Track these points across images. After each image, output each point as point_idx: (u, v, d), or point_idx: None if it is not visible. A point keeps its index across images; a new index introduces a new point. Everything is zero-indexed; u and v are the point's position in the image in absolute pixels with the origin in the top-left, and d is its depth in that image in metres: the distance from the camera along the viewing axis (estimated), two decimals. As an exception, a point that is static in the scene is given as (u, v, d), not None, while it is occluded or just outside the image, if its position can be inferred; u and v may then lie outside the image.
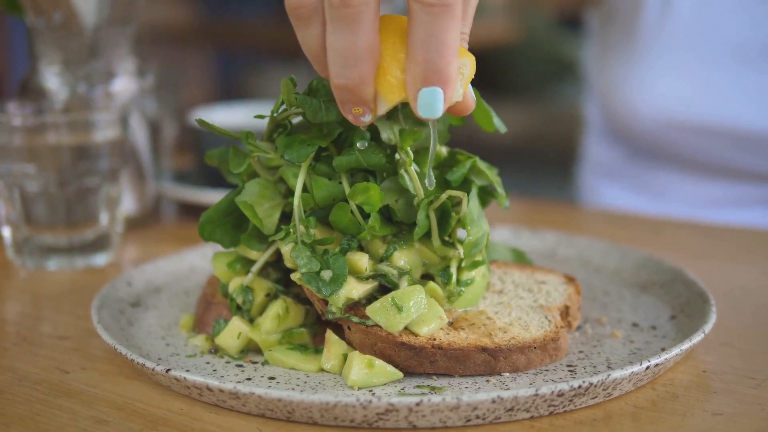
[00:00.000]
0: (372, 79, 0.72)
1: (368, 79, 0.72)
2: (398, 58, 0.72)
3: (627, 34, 1.58)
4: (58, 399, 0.76)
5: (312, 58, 0.74)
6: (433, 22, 0.69)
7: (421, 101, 0.71)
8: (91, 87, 1.25)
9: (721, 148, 1.52)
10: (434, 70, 0.70)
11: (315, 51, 0.73)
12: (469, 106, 0.77)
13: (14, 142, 1.09)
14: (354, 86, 0.72)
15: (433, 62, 0.70)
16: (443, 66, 0.70)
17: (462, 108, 0.77)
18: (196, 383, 0.73)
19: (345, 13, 0.69)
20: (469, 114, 0.79)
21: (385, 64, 0.72)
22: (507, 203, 0.88)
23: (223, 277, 0.88)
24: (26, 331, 0.93)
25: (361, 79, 0.71)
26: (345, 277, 0.79)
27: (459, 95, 0.75)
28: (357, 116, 0.74)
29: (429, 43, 0.69)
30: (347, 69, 0.71)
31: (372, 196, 0.79)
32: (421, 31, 0.69)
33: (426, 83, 0.70)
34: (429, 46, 0.69)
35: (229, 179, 0.90)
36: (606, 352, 0.83)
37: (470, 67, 0.75)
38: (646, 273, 1.02)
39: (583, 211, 1.59)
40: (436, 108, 0.71)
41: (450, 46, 0.70)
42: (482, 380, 0.77)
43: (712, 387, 0.78)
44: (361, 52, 0.70)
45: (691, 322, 0.86)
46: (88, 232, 1.14)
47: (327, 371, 0.80)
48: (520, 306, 0.86)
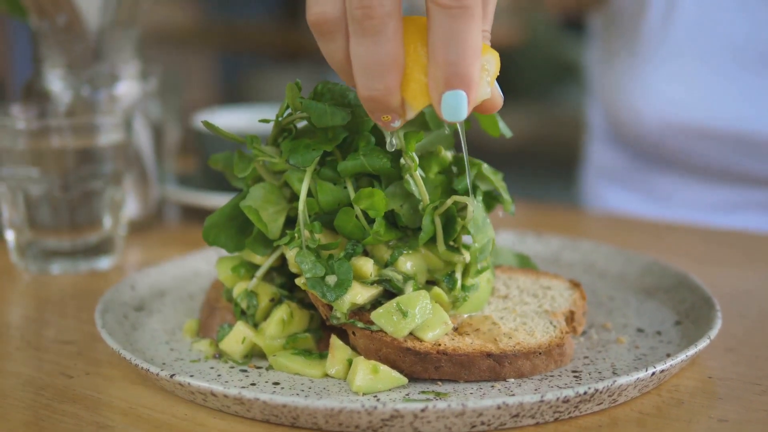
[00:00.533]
0: (398, 88, 0.71)
1: (394, 89, 0.71)
2: (421, 62, 0.71)
3: (630, 39, 1.58)
4: (62, 404, 0.76)
5: (338, 69, 0.73)
6: (452, 24, 0.68)
7: (445, 105, 0.70)
8: (95, 90, 1.25)
9: (725, 152, 1.51)
10: (456, 73, 0.69)
11: (340, 63, 0.72)
12: (497, 103, 0.76)
13: (18, 145, 1.09)
14: (381, 96, 0.71)
15: (455, 65, 0.68)
16: (465, 68, 0.69)
17: (491, 106, 0.76)
18: (201, 389, 0.73)
19: (368, 25, 0.68)
20: (496, 111, 0.77)
21: (408, 69, 0.71)
22: (512, 209, 0.88)
23: (227, 282, 0.88)
24: (30, 335, 0.93)
25: (388, 89, 0.71)
26: (350, 282, 0.79)
27: (486, 93, 0.73)
28: (387, 122, 0.73)
29: (449, 45, 0.68)
30: (373, 80, 0.70)
31: (377, 201, 0.79)
32: (441, 34, 0.68)
33: (449, 86, 0.69)
34: (449, 48, 0.68)
35: (234, 183, 0.90)
36: (611, 358, 0.83)
37: (495, 64, 0.74)
38: (651, 278, 1.01)
39: (586, 215, 1.59)
40: (461, 111, 0.70)
41: (471, 47, 0.68)
42: (487, 386, 0.77)
43: (717, 393, 0.77)
44: (386, 63, 0.70)
45: (697, 328, 0.86)
46: (91, 236, 1.14)
47: (331, 376, 0.80)
48: (525, 311, 0.86)
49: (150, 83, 1.33)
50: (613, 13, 1.64)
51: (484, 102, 0.75)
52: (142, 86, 1.30)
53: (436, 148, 0.84)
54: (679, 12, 1.52)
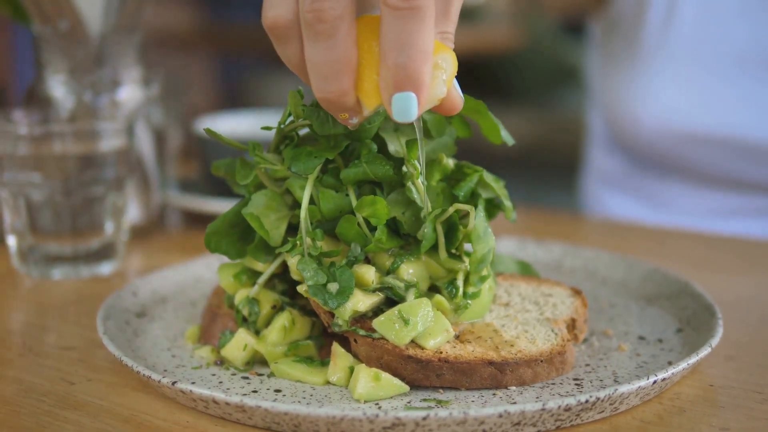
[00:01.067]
0: (352, 89, 0.71)
1: (348, 90, 0.71)
2: (374, 62, 0.71)
3: (630, 45, 1.58)
4: (64, 411, 0.76)
5: (296, 71, 0.74)
6: (402, 26, 0.67)
7: (395, 106, 0.69)
8: (97, 95, 1.25)
9: (725, 158, 1.51)
10: (405, 75, 0.68)
11: (297, 66, 0.73)
12: (457, 103, 0.75)
13: (20, 150, 1.09)
14: (335, 98, 0.72)
15: (404, 67, 0.68)
16: (414, 70, 0.68)
17: (450, 106, 0.75)
18: (202, 396, 0.73)
19: (319, 29, 0.69)
20: (457, 113, 0.76)
21: (362, 69, 0.71)
22: (514, 216, 0.88)
23: (229, 289, 0.88)
24: (32, 341, 0.93)
25: (342, 91, 0.71)
26: (351, 290, 0.79)
27: (441, 93, 0.73)
28: (345, 120, 0.74)
29: (399, 47, 0.68)
30: (327, 83, 0.71)
31: (379, 209, 0.79)
32: (391, 35, 0.68)
33: (398, 88, 0.69)
34: (399, 50, 0.68)
35: (236, 190, 0.90)
36: (613, 366, 0.83)
37: (451, 63, 0.73)
38: (653, 285, 1.01)
39: (587, 221, 1.59)
40: (410, 113, 0.69)
41: (421, 49, 0.68)
42: (488, 394, 0.77)
43: (719, 401, 0.77)
44: (339, 66, 0.70)
45: (698, 335, 0.86)
46: (93, 241, 1.14)
47: (333, 384, 0.80)
48: (527, 319, 0.86)
49: (152, 89, 1.34)
50: (612, 18, 1.64)
51: (443, 103, 0.74)
52: (144, 92, 1.31)
53: (437, 155, 0.84)
54: (679, 18, 1.52)
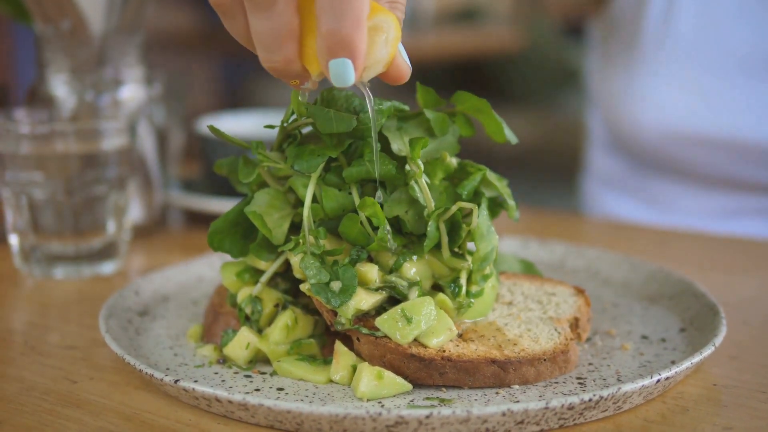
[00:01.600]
0: (296, 56, 0.72)
1: (292, 57, 0.72)
2: (314, 29, 0.71)
3: (628, 46, 1.58)
4: (66, 409, 0.76)
5: (244, 44, 0.75)
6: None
7: (332, 72, 0.70)
8: (99, 95, 1.25)
9: (724, 159, 1.51)
10: (338, 42, 0.68)
11: (244, 38, 0.74)
12: (402, 71, 0.75)
13: (22, 150, 1.09)
14: (281, 66, 0.73)
15: (336, 33, 0.68)
16: (346, 37, 0.68)
17: (395, 74, 0.75)
18: (205, 394, 0.73)
19: (259, 0, 0.70)
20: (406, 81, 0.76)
21: (304, 35, 0.72)
22: (517, 215, 0.88)
23: (231, 287, 0.88)
24: (34, 340, 0.93)
25: (286, 59, 0.72)
26: (354, 288, 0.79)
27: (383, 56, 0.72)
28: (297, 86, 0.75)
29: (331, 13, 0.68)
30: (271, 52, 0.72)
31: (380, 209, 0.79)
32: (324, 2, 0.68)
33: (332, 54, 0.69)
34: (331, 16, 0.68)
35: (239, 189, 0.90)
36: (616, 365, 0.82)
37: (393, 28, 0.72)
38: (656, 285, 1.01)
39: (589, 221, 1.59)
40: (348, 77, 0.69)
41: (353, 15, 0.68)
42: (491, 392, 0.77)
43: (722, 401, 0.77)
44: (281, 35, 0.71)
45: (701, 335, 0.86)
46: (95, 241, 1.14)
47: (336, 382, 0.79)
48: (530, 318, 0.86)
49: (154, 88, 1.33)
50: (611, 20, 1.64)
51: (389, 70, 0.74)
52: (146, 91, 1.30)
53: (441, 154, 0.84)
54: (677, 19, 1.52)
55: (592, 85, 1.79)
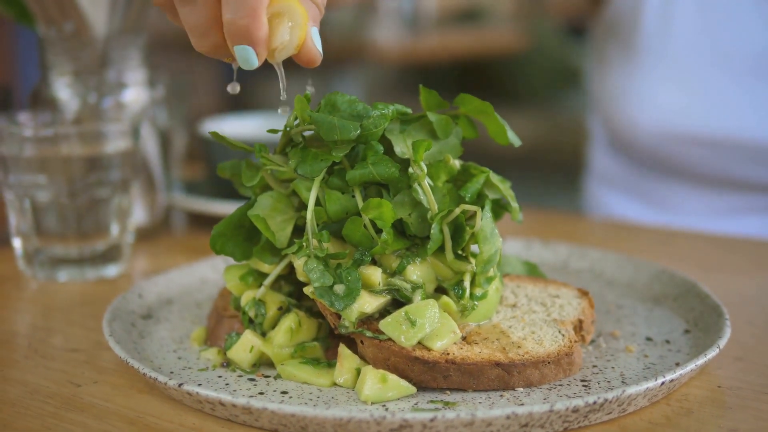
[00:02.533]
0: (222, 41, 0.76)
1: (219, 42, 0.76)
2: None
3: (625, 47, 1.58)
4: (69, 413, 0.76)
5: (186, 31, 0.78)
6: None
7: (238, 57, 0.75)
8: (102, 97, 1.25)
9: (722, 159, 1.51)
10: (236, 31, 0.73)
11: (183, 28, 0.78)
12: (312, 55, 0.78)
13: (25, 152, 1.09)
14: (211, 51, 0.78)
15: (234, 23, 0.73)
16: (242, 27, 0.73)
17: (305, 57, 0.78)
18: (209, 398, 0.73)
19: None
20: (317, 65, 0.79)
21: None
22: (520, 217, 0.88)
23: (235, 290, 0.88)
24: (37, 343, 0.93)
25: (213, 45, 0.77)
26: (358, 291, 0.79)
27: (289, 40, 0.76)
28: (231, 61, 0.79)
29: (229, 5, 0.73)
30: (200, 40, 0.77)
31: (384, 211, 0.79)
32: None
33: (234, 42, 0.74)
34: (229, 8, 0.73)
35: (242, 192, 0.90)
36: (620, 367, 0.82)
37: (298, 14, 0.76)
38: (659, 286, 1.01)
39: (591, 222, 1.59)
40: (251, 62, 0.75)
41: (248, 7, 0.72)
42: (496, 395, 0.77)
43: (727, 402, 0.77)
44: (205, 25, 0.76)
45: (706, 336, 0.86)
46: (98, 243, 1.14)
47: (340, 386, 0.79)
48: (534, 320, 0.85)
49: (157, 90, 1.33)
50: (608, 20, 1.64)
51: (300, 54, 0.77)
52: (149, 93, 1.30)
53: (444, 156, 0.84)
54: (674, 20, 1.52)
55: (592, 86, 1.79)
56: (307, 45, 0.77)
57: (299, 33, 0.76)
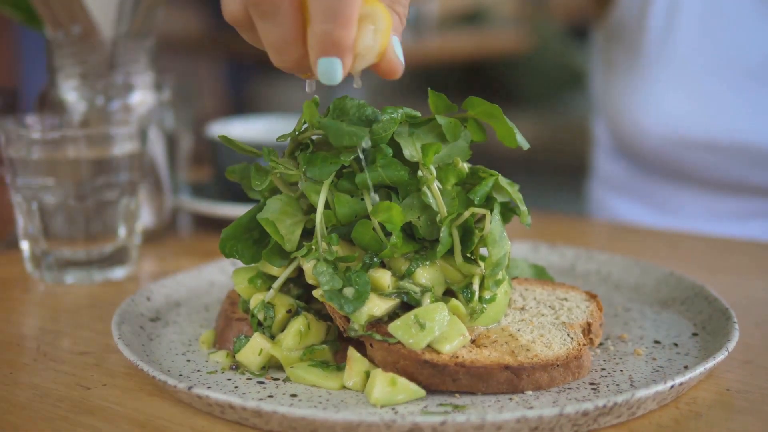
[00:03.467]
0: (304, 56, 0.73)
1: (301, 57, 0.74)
2: None
3: (631, 52, 1.58)
4: (79, 416, 0.76)
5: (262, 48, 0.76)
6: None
7: (320, 70, 0.71)
8: (110, 100, 1.25)
9: (729, 164, 1.51)
10: (327, 41, 0.70)
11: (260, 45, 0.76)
12: (394, 65, 0.75)
13: (33, 155, 1.09)
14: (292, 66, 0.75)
15: (327, 33, 0.69)
16: (336, 37, 0.69)
17: (387, 69, 0.76)
18: (219, 401, 0.73)
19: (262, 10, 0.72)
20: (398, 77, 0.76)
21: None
22: (529, 220, 0.88)
23: (244, 293, 0.88)
24: (46, 346, 0.93)
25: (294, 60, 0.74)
26: (367, 294, 0.79)
27: (373, 50, 0.73)
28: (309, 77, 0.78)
29: (323, 14, 0.69)
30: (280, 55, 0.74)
31: (394, 214, 0.79)
32: (316, 3, 0.69)
33: (321, 53, 0.70)
34: (323, 17, 0.69)
35: (251, 195, 0.90)
36: (629, 370, 0.82)
37: (383, 18, 0.73)
38: (667, 289, 1.01)
39: (597, 224, 1.59)
40: (335, 76, 0.71)
41: (345, 15, 0.69)
42: (505, 398, 0.77)
43: (736, 406, 0.77)
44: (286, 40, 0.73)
45: (714, 340, 0.86)
46: (106, 246, 1.14)
47: (349, 389, 0.79)
48: (543, 323, 0.86)
49: (164, 93, 1.34)
50: (613, 25, 1.64)
51: (381, 64, 0.75)
52: (156, 96, 1.31)
53: (453, 159, 0.84)
54: (680, 25, 1.52)
55: (596, 90, 1.79)
56: (389, 54, 0.74)
57: (381, 39, 0.73)
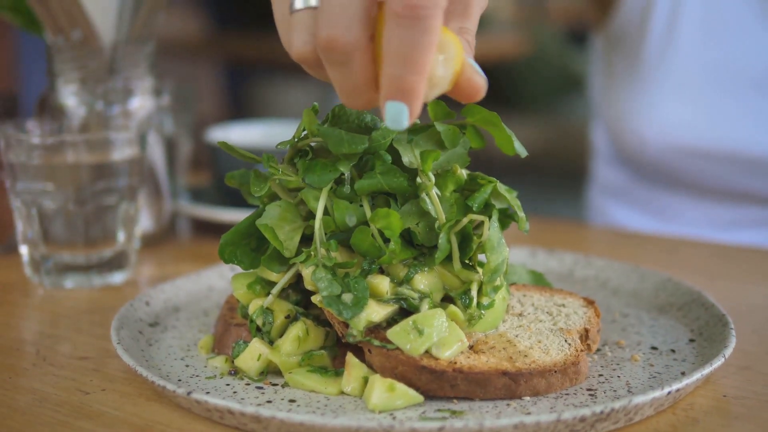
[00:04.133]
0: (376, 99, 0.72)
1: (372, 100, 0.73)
2: None
3: (632, 60, 1.59)
4: (78, 421, 0.77)
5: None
6: (403, 36, 0.67)
7: (388, 114, 0.70)
8: (109, 105, 1.26)
9: (730, 172, 1.52)
10: (398, 86, 0.68)
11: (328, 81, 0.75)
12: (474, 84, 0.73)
13: (33, 160, 1.10)
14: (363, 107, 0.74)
15: (400, 78, 0.68)
16: (408, 83, 0.68)
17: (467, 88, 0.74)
18: (217, 406, 0.73)
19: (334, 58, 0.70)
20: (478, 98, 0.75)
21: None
22: (527, 227, 0.88)
23: (242, 299, 0.88)
24: (45, 350, 0.93)
25: (365, 103, 0.73)
26: (366, 300, 0.79)
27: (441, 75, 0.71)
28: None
29: (397, 57, 0.67)
30: (352, 99, 0.73)
31: (392, 221, 0.79)
32: (391, 44, 0.67)
33: (390, 97, 0.69)
34: (396, 60, 0.67)
35: (250, 201, 0.90)
36: (626, 376, 0.83)
37: (453, 48, 0.71)
38: (665, 295, 1.02)
39: (596, 230, 1.59)
40: (401, 122, 0.69)
41: (418, 62, 0.67)
42: (502, 404, 0.77)
43: (733, 412, 0.77)
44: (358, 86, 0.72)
45: (711, 346, 0.86)
46: (105, 251, 1.14)
47: (347, 394, 0.80)
48: (540, 329, 0.86)
49: (163, 98, 1.34)
50: (613, 33, 1.64)
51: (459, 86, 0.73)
52: (155, 101, 1.31)
53: (452, 166, 0.84)
54: (681, 32, 1.52)
55: (595, 98, 1.80)
56: (466, 75, 0.73)
57: (454, 67, 0.72)
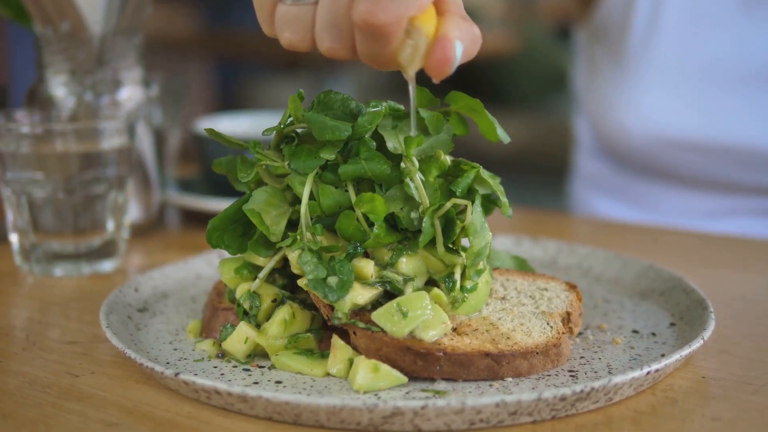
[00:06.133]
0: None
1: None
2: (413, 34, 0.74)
3: (614, 53, 1.60)
4: (68, 402, 0.78)
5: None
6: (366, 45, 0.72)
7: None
8: (98, 96, 1.26)
9: (712, 163, 1.53)
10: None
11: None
12: (441, 65, 0.76)
13: (22, 149, 1.11)
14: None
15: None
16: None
17: (435, 69, 0.76)
18: (205, 387, 0.74)
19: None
20: (451, 73, 0.78)
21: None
22: (510, 212, 0.89)
23: (230, 283, 0.89)
24: (35, 336, 0.94)
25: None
26: (351, 284, 0.80)
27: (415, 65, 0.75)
28: None
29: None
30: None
31: (377, 206, 0.81)
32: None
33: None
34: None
35: (237, 187, 0.91)
36: (607, 358, 0.84)
37: (424, 36, 0.74)
38: (647, 281, 1.03)
39: (580, 220, 1.61)
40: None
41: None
42: (485, 385, 0.79)
43: (711, 393, 0.79)
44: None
45: (691, 329, 0.88)
46: (94, 239, 1.15)
47: (333, 375, 0.81)
48: (523, 312, 0.87)
49: (152, 89, 1.35)
50: (596, 26, 1.65)
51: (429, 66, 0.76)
52: (144, 92, 1.32)
53: (435, 152, 0.85)
54: (663, 27, 1.54)
55: (578, 91, 1.81)
56: (435, 55, 0.75)
57: (422, 50, 0.75)
